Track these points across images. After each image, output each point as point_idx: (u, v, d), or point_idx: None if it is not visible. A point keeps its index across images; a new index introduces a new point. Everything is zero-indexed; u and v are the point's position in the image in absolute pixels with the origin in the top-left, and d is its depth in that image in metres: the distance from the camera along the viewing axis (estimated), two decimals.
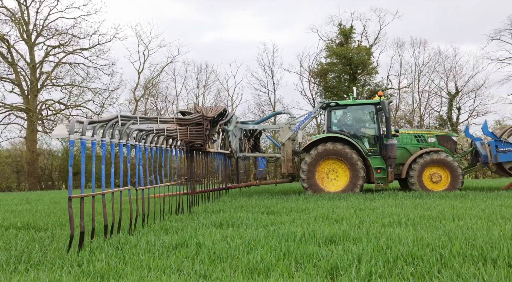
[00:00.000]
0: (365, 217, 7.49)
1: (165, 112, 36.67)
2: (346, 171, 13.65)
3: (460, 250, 4.60)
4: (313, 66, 34.43)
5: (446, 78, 35.30)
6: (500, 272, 3.77)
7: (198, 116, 10.74)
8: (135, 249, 5.28)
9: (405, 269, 4.07)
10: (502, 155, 13.29)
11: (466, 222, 6.69)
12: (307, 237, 5.71)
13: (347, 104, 14.36)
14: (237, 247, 5.15)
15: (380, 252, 4.70)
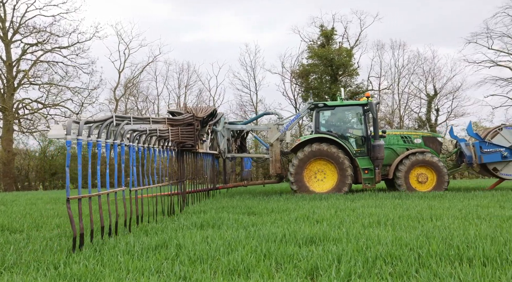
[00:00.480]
0: (345, 218, 7.54)
1: (146, 112, 36.36)
2: (334, 171, 13.73)
3: (437, 249, 4.67)
4: (294, 67, 34.60)
5: (425, 80, 35.87)
6: (476, 271, 3.84)
7: (189, 117, 10.72)
8: (113, 250, 5.21)
9: (383, 269, 4.11)
10: (486, 156, 13.54)
11: (444, 222, 6.79)
12: (288, 238, 5.72)
13: (335, 105, 14.44)
14: (217, 248, 5.13)
15: (360, 252, 4.74)
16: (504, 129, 13.73)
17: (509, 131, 13.66)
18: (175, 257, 4.85)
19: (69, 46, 32.50)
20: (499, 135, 13.64)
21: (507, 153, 13.44)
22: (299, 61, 34.48)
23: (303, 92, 32.59)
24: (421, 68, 35.97)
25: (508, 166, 13.63)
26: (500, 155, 13.47)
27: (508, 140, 13.53)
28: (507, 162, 13.58)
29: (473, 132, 14.26)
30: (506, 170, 13.66)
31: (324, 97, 30.71)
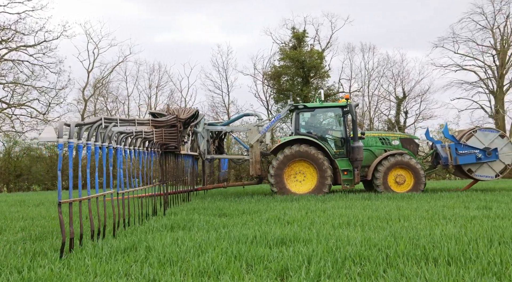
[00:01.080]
0: (316, 219, 7.61)
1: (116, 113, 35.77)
2: (313, 172, 13.84)
3: (404, 249, 4.76)
4: (266, 68, 34.71)
5: (394, 83, 36.56)
6: (441, 270, 3.93)
7: (172, 118, 10.72)
8: (81, 253, 5.10)
9: (352, 269, 4.16)
10: (461, 157, 13.87)
11: (411, 222, 6.94)
12: (259, 239, 5.73)
13: (314, 107, 14.56)
14: (187, 250, 5.10)
15: (330, 253, 4.79)
16: (478, 132, 14.12)
17: (483, 134, 14.06)
18: (144, 260, 4.79)
19: (35, 44, 31.61)
20: (473, 137, 14.01)
21: (481, 155, 13.80)
22: (271, 63, 34.63)
23: (275, 94, 32.72)
24: (390, 71, 36.68)
25: (482, 168, 13.99)
26: (474, 156, 13.82)
27: (482, 142, 13.92)
28: (481, 164, 13.94)
29: (449, 134, 14.58)
30: (480, 171, 14.03)
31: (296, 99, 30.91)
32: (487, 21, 34.68)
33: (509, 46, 34.12)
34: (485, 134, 14.01)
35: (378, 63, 37.06)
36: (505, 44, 34.12)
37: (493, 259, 4.25)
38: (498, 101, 33.88)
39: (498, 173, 13.96)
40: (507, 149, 13.88)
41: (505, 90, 34.27)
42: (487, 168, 13.97)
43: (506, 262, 4.13)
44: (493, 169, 13.94)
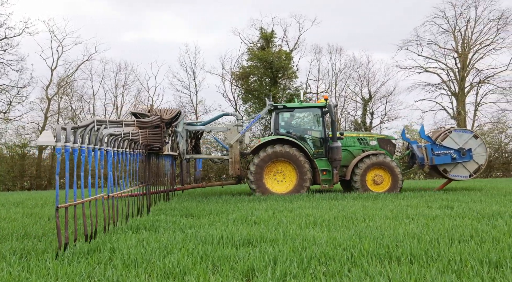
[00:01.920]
0: (283, 219, 7.64)
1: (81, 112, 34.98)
2: (293, 172, 13.90)
3: (369, 249, 4.84)
4: (235, 68, 34.68)
5: (360, 84, 37.22)
6: (403, 269, 4.02)
7: (156, 119, 10.69)
8: (42, 256, 4.96)
9: (318, 269, 4.20)
10: (437, 158, 14.15)
11: (376, 222, 7.06)
12: (225, 240, 5.71)
13: (294, 107, 14.65)
14: (153, 251, 5.03)
15: (296, 253, 4.82)
16: (453, 132, 14.48)
17: (458, 134, 14.41)
18: (108, 261, 4.69)
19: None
20: (448, 138, 14.36)
21: (456, 155, 14.13)
22: (239, 63, 34.63)
23: (243, 94, 32.73)
24: (356, 72, 37.32)
25: (457, 168, 14.32)
26: (450, 156, 14.14)
27: (456, 142, 14.26)
28: (456, 164, 14.28)
29: (425, 135, 14.89)
30: (455, 171, 14.36)
31: (264, 100, 30.99)
32: (449, 25, 35.81)
33: (469, 49, 35.28)
34: (459, 135, 14.39)
35: (345, 64, 37.65)
36: (466, 48, 35.27)
37: (453, 257, 4.37)
38: (460, 103, 34.98)
39: (472, 172, 14.33)
40: (480, 150, 14.28)
41: (466, 93, 35.43)
42: (462, 168, 14.33)
43: (465, 260, 4.25)
44: (467, 169, 14.32)
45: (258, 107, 30.95)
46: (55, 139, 5.28)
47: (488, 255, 4.37)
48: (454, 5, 35.15)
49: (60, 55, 34.46)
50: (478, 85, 35.54)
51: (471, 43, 35.34)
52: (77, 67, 35.03)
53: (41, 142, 5.53)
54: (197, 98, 35.50)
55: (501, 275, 3.83)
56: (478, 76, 35.52)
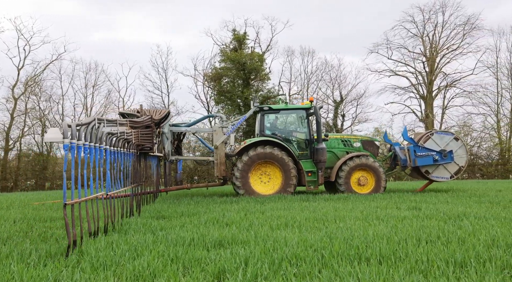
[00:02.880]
0: (255, 220, 7.65)
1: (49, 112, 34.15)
2: (278, 174, 13.95)
3: (339, 250, 4.90)
4: (207, 70, 34.55)
5: (332, 86, 37.66)
6: (372, 269, 4.08)
7: (147, 119, 10.67)
8: (6, 260, 4.81)
9: (289, 270, 4.22)
10: (420, 159, 14.42)
11: (346, 223, 7.15)
12: (196, 242, 5.67)
13: (279, 109, 14.72)
14: (122, 254, 4.95)
15: (267, 254, 4.83)
16: (435, 134, 14.81)
17: (439, 136, 14.74)
18: (76, 264, 4.59)
19: None
20: (430, 140, 14.66)
21: (438, 157, 14.43)
22: (211, 64, 34.52)
23: (216, 96, 32.63)
24: (328, 75, 37.75)
25: (438, 169, 14.65)
26: (432, 158, 14.43)
27: (438, 144, 14.57)
28: (438, 165, 14.59)
29: (408, 137, 15.15)
30: (436, 173, 14.68)
31: (236, 101, 30.99)
32: (417, 29, 36.67)
33: (437, 54, 36.20)
34: (441, 137, 14.72)
35: (317, 67, 38.03)
36: (434, 52, 36.17)
37: (421, 258, 4.47)
38: (428, 106, 35.83)
39: (453, 174, 14.68)
40: (461, 151, 14.66)
41: (434, 96, 36.32)
42: (443, 169, 14.66)
43: (432, 260, 4.35)
44: (448, 170, 14.66)
45: (230, 109, 30.93)
46: (63, 136, 5.30)
47: (454, 255, 4.49)
48: (423, 10, 36.05)
49: (27, 54, 33.61)
50: (445, 88, 36.52)
51: (439, 48, 36.28)
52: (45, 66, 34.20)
53: (49, 139, 5.63)
54: (169, 99, 35.22)
55: (465, 275, 3.93)
56: (445, 80, 36.52)
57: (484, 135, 34.60)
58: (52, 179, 31.20)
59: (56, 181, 30.94)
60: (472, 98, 35.67)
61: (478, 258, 4.42)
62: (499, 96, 35.09)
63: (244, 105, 30.70)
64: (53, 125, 32.45)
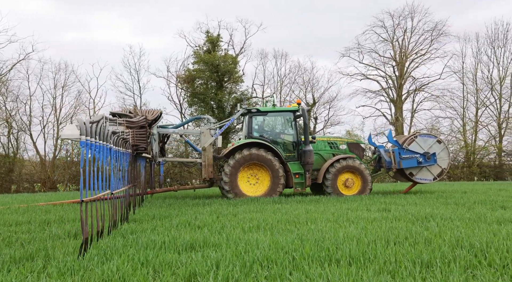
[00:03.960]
0: (227, 223, 7.64)
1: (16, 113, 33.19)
2: (266, 176, 13.98)
3: (310, 252, 4.94)
4: (180, 71, 34.29)
5: (305, 89, 37.94)
6: (342, 271, 4.14)
7: (142, 119, 10.70)
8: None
9: (260, 272, 4.23)
10: (404, 161, 14.67)
11: (318, 225, 7.22)
12: (168, 245, 5.63)
13: (267, 111, 14.75)
14: (91, 258, 4.86)
15: (238, 257, 4.83)
16: (418, 137, 15.10)
17: (423, 139, 15.04)
18: (42, 270, 4.49)
19: None
20: (414, 142, 14.93)
21: (422, 159, 14.73)
22: (185, 66, 34.28)
23: (189, 98, 32.43)
24: (301, 78, 38.03)
25: (422, 171, 14.94)
26: (416, 160, 14.71)
27: (422, 147, 14.87)
28: (421, 167, 14.88)
29: (393, 139, 15.37)
30: (420, 175, 14.97)
31: (210, 103, 30.89)
32: (387, 34, 37.36)
33: (406, 58, 36.98)
34: (424, 140, 15.03)
35: (290, 70, 38.23)
36: (403, 57, 36.94)
37: (389, 258, 4.55)
38: (398, 110, 36.52)
39: (436, 176, 15.01)
40: (443, 154, 15.00)
41: (403, 100, 37.06)
42: (426, 171, 14.98)
43: (400, 261, 4.45)
44: (431, 172, 14.98)
45: (203, 111, 30.77)
46: (79, 132, 5.29)
47: (421, 255, 4.60)
48: (392, 16, 36.76)
49: None
50: (414, 93, 37.28)
51: (408, 53, 37.04)
52: (12, 66, 33.25)
53: (66, 135, 5.65)
54: (141, 100, 34.77)
55: (431, 275, 4.03)
56: (414, 84, 37.29)
57: (451, 139, 35.50)
58: (19, 181, 30.34)
59: (23, 183, 30.11)
60: (440, 102, 36.57)
61: (443, 258, 4.54)
62: (464, 101, 36.07)
63: (218, 107, 30.61)
64: (21, 127, 31.61)
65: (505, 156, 34.46)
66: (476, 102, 35.96)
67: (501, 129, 34.71)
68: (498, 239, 5.37)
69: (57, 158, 30.92)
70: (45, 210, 10.78)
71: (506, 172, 33.77)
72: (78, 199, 14.11)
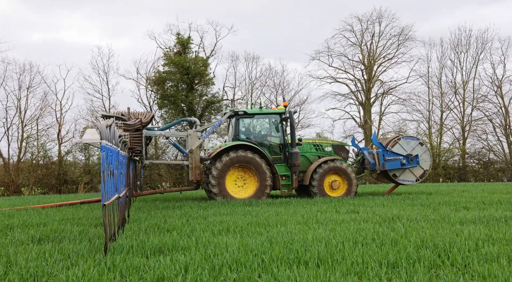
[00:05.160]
0: (197, 226, 7.59)
1: None
2: (254, 178, 13.98)
3: (279, 254, 4.96)
4: (150, 73, 33.90)
5: (276, 92, 38.12)
6: (310, 272, 4.17)
7: (138, 122, 10.80)
8: None
9: (229, 275, 4.22)
10: (388, 163, 14.87)
11: (287, 227, 7.26)
12: (136, 249, 5.55)
13: (254, 113, 14.74)
14: (56, 264, 4.75)
15: (207, 260, 4.81)
16: (402, 139, 15.35)
17: (406, 141, 15.31)
18: (4, 276, 4.35)
19: None
20: (397, 144, 15.16)
21: (405, 161, 14.97)
22: (155, 68, 33.90)
23: (159, 100, 32.10)
24: (272, 80, 38.20)
25: (405, 173, 15.20)
26: (399, 162, 14.94)
27: (405, 149, 15.13)
28: (404, 169, 15.13)
29: (377, 141, 15.54)
30: (403, 176, 15.22)
31: (180, 106, 30.65)
32: (356, 38, 37.99)
33: (375, 62, 37.70)
34: (407, 142, 15.30)
35: (261, 72, 38.36)
36: (372, 60, 37.64)
37: (356, 260, 4.62)
38: (366, 113, 37.15)
39: (418, 177, 15.31)
40: (425, 156, 15.32)
41: (372, 103, 37.74)
42: (409, 173, 15.25)
43: (367, 262, 4.52)
44: (414, 174, 15.27)
45: (174, 113, 30.51)
46: (100, 137, 5.29)
47: (387, 256, 4.69)
48: (361, 20, 37.42)
49: None
50: (382, 96, 38.01)
51: (376, 57, 37.77)
52: None
53: (86, 140, 5.77)
54: (110, 102, 34.20)
55: (397, 275, 4.12)
56: (382, 87, 38.02)
57: None
58: None
59: None
60: (407, 105, 37.40)
61: (408, 258, 4.64)
62: (430, 104, 37.03)
63: (188, 109, 30.39)
64: None
65: (468, 158, 35.53)
66: (441, 105, 36.95)
67: (465, 132, 35.77)
68: (461, 239, 5.54)
69: (22, 160, 30.05)
70: (8, 214, 10.47)
71: (469, 173, 34.82)
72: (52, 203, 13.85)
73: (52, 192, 27.85)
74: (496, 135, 35.79)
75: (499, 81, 35.76)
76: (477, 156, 35.68)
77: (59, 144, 31.28)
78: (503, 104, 35.59)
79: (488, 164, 35.08)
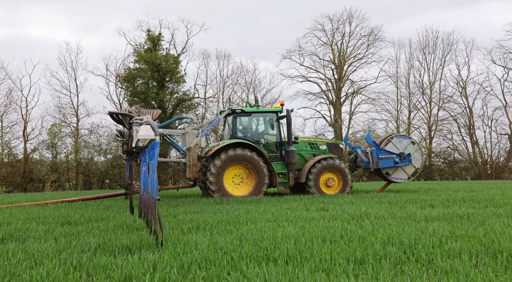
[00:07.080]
0: (166, 224, 7.53)
1: None
2: (251, 175, 14.02)
3: (248, 251, 4.98)
4: (120, 70, 33.40)
5: (247, 90, 38.20)
6: (279, 270, 4.21)
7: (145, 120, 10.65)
8: None
9: (198, 273, 4.21)
10: (382, 162, 15.12)
11: (257, 225, 7.28)
12: (103, 247, 5.46)
13: (251, 111, 14.81)
14: (19, 263, 4.63)
15: (176, 258, 4.78)
16: (394, 138, 15.58)
17: (399, 140, 15.59)
18: None
19: None
20: (390, 143, 15.39)
21: (398, 159, 15.24)
22: (125, 64, 33.42)
23: (129, 97, 31.66)
24: (243, 79, 38.24)
25: (397, 171, 15.50)
26: (393, 160, 15.19)
27: (398, 147, 15.41)
28: (397, 167, 15.39)
29: (371, 140, 15.70)
30: (396, 174, 15.51)
31: (151, 103, 30.32)
32: (327, 38, 38.45)
33: (345, 62, 38.23)
34: (400, 141, 15.58)
35: (233, 71, 38.37)
36: (342, 60, 38.15)
37: (324, 257, 4.69)
38: (337, 112, 37.66)
39: (410, 175, 15.63)
40: (417, 154, 15.64)
41: (342, 102, 38.27)
42: (401, 171, 15.56)
43: (335, 259, 4.59)
44: (406, 172, 15.57)
45: None
46: (154, 133, 5.46)
47: (354, 253, 4.77)
48: (332, 20, 37.90)
49: None
50: (352, 95, 38.61)
51: (346, 56, 38.32)
52: None
53: (142, 136, 5.79)
54: (78, 99, 33.53)
55: (363, 271, 4.20)
56: (352, 87, 38.65)
57: None
58: None
59: None
60: (376, 105, 38.14)
61: (375, 255, 4.73)
62: (398, 104, 37.85)
63: (159, 107, 30.11)
64: None
65: (434, 157, 36.47)
66: (409, 105, 37.83)
67: (431, 132, 36.72)
68: (425, 236, 5.69)
69: None
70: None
71: (435, 172, 35.76)
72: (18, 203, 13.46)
73: (17, 190, 27.11)
74: (461, 135, 36.91)
75: (463, 83, 36.90)
76: (443, 155, 36.70)
77: (25, 141, 30.54)
78: (467, 105, 36.72)
79: (453, 162, 36.12)
